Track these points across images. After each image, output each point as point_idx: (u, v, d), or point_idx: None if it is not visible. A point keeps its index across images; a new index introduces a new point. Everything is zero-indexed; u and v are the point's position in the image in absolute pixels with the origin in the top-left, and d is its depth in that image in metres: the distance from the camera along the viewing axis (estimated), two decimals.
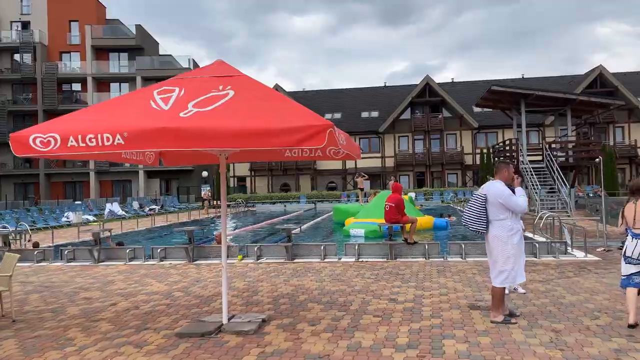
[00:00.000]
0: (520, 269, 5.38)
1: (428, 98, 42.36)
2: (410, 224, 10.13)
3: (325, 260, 9.88)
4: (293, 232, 10.52)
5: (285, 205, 35.80)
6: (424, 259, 9.72)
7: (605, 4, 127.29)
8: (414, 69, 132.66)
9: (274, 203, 37.72)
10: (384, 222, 10.29)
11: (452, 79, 48.98)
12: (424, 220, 16.09)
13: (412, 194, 34.88)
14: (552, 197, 19.94)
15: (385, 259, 9.80)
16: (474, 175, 42.00)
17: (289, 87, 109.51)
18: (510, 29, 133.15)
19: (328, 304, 6.33)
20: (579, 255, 9.71)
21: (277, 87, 43.55)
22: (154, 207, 31.87)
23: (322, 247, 10.03)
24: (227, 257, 10.04)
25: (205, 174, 38.24)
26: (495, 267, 5.36)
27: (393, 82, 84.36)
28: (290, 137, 4.13)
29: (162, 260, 10.42)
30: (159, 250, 10.56)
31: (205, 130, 4.16)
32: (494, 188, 5.43)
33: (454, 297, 6.54)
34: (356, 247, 9.97)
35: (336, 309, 6.06)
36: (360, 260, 9.71)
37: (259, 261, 10.02)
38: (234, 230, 17.40)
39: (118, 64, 46.60)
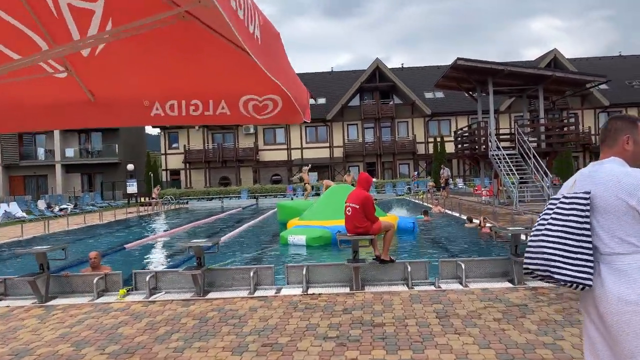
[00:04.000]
0: None
1: (378, 83, 39.53)
2: (385, 233, 6.81)
3: (257, 293, 6.41)
4: (208, 250, 6.97)
5: (222, 202, 31.91)
6: (407, 287, 6.45)
7: (538, 1, 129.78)
8: (359, 62, 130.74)
9: (210, 199, 33.71)
10: (341, 234, 6.90)
11: (402, 64, 46.48)
12: (386, 220, 12.84)
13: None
14: (527, 188, 17.37)
15: (347, 289, 6.46)
16: (427, 165, 39.66)
17: None
18: (453, 23, 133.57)
19: None
20: None
21: None
22: (65, 206, 27.10)
23: (251, 274, 6.53)
24: (105, 291, 6.36)
25: (130, 167, 33.64)
26: None
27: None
28: None
29: None
30: None
31: None
32: (611, 175, 2.21)
33: None
34: (304, 271, 6.55)
35: None
36: (311, 293, 6.31)
37: (152, 298, 6.41)
38: (139, 239, 13.51)
39: None
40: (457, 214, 16.18)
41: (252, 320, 5.26)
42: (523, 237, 7.34)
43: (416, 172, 37.37)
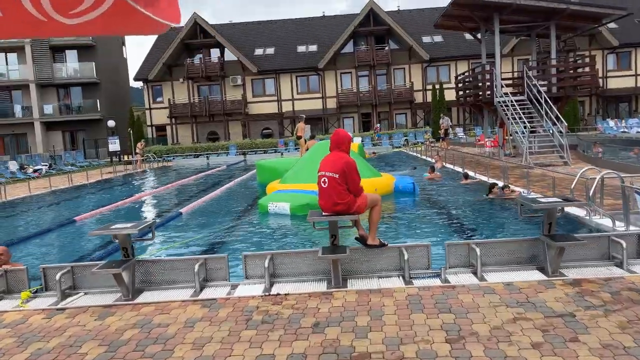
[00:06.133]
0: None
1: (373, 27, 36.91)
2: (371, 210, 5.13)
3: (204, 294, 4.81)
4: (140, 237, 5.33)
5: (208, 158, 30.15)
6: (403, 282, 4.85)
7: None
8: (356, 9, 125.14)
9: (197, 156, 31.92)
10: (314, 213, 5.18)
11: (398, 6, 43.58)
12: (381, 183, 11.17)
13: (358, 139, 30.16)
14: (536, 137, 15.59)
15: (325, 285, 4.85)
16: (425, 115, 37.69)
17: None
18: None
19: None
20: None
21: (197, 18, 36.57)
22: (39, 167, 25.34)
23: (196, 267, 4.89)
24: (6, 293, 4.63)
25: (111, 123, 31.66)
26: None
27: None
28: None
29: None
30: None
31: None
32: None
33: None
34: (266, 262, 4.91)
35: None
36: (275, 293, 4.70)
37: (64, 303, 4.81)
38: (97, 208, 11.83)
39: None
40: (461, 170, 14.51)
41: (181, 349, 3.65)
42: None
43: (379, 125, 35.37)
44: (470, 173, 12.86)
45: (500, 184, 9.94)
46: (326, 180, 4.99)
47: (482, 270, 4.90)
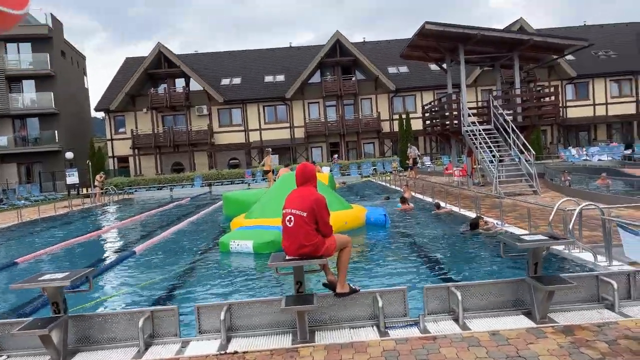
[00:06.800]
0: None
1: (339, 58, 37.14)
2: (340, 252, 4.60)
3: (148, 354, 4.15)
4: (73, 290, 4.65)
5: (172, 190, 29.19)
6: (377, 333, 4.31)
7: None
8: (321, 41, 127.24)
9: (160, 188, 30.89)
10: (276, 257, 4.60)
11: (364, 38, 44.22)
12: (352, 215, 10.71)
13: (326, 169, 29.73)
14: (504, 166, 15.50)
15: (289, 342, 4.26)
16: (393, 145, 37.81)
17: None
18: (414, 2, 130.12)
19: None
20: None
21: (161, 48, 36.04)
22: None
23: (140, 322, 4.23)
24: None
25: (69, 155, 30.44)
26: None
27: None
28: None
29: None
30: None
31: None
32: None
33: None
34: (222, 314, 4.30)
35: None
36: (232, 351, 4.08)
37: None
38: (40, 250, 10.95)
39: None
40: (431, 199, 14.21)
41: None
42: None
43: (336, 156, 35.32)
44: (442, 203, 12.56)
45: (474, 215, 9.61)
46: (292, 218, 4.46)
47: (464, 316, 4.42)
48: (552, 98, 17.96)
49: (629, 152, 28.47)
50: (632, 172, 17.39)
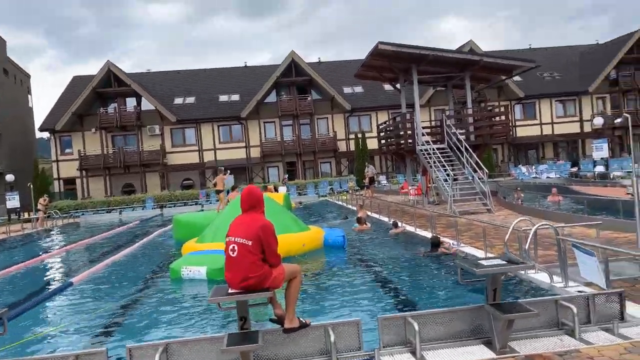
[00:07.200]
0: None
1: (295, 77, 37.10)
2: (288, 284, 4.24)
3: None
4: None
5: (120, 213, 28.00)
6: None
7: (446, 3, 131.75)
8: (277, 61, 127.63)
9: (109, 210, 29.60)
10: (218, 290, 4.18)
11: (319, 58, 44.46)
12: (310, 237, 10.38)
13: (283, 188, 29.33)
14: (458, 185, 15.61)
15: None
16: (349, 164, 37.88)
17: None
18: (371, 22, 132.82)
19: None
20: None
21: (110, 66, 34.95)
22: None
23: None
24: None
25: (10, 177, 28.78)
26: None
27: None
28: None
29: None
30: None
31: None
32: None
33: None
34: (158, 354, 3.84)
35: None
36: None
37: None
38: None
39: None
40: (387, 219, 14.07)
41: None
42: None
43: (286, 176, 35.09)
44: (399, 222, 12.43)
45: (430, 234, 9.47)
46: (236, 247, 4.07)
47: (421, 348, 4.14)
48: (503, 117, 18.41)
49: (575, 169, 29.53)
50: (579, 190, 17.91)
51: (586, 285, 5.62)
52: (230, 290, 4.05)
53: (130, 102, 36.74)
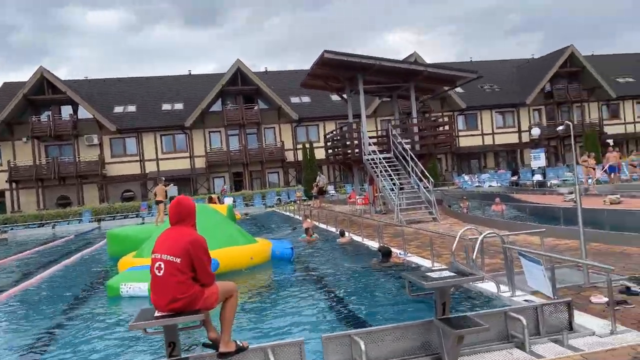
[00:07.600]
0: None
1: (241, 86, 36.54)
2: (223, 304, 3.85)
3: None
4: None
5: (54, 228, 26.37)
6: None
7: (392, 17, 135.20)
8: (222, 71, 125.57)
9: (42, 225, 27.83)
10: (144, 313, 3.76)
11: (266, 68, 44.13)
12: (257, 250, 9.95)
13: (229, 200, 28.70)
14: (405, 195, 15.64)
15: None
16: (297, 174, 37.60)
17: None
18: (317, 34, 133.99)
19: None
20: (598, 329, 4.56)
21: (44, 72, 33.09)
22: None
23: None
24: None
25: None
26: None
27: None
28: None
29: None
30: None
31: None
32: None
33: None
34: None
35: None
36: None
37: None
38: None
39: None
40: (334, 229, 13.84)
41: None
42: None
43: (226, 186, 34.60)
44: (345, 232, 12.23)
45: (377, 244, 9.28)
46: (162, 265, 3.65)
47: None
48: (447, 127, 18.72)
49: (515, 178, 30.54)
50: (519, 198, 18.41)
51: (532, 293, 5.55)
52: (156, 314, 3.62)
53: (66, 110, 34.88)
